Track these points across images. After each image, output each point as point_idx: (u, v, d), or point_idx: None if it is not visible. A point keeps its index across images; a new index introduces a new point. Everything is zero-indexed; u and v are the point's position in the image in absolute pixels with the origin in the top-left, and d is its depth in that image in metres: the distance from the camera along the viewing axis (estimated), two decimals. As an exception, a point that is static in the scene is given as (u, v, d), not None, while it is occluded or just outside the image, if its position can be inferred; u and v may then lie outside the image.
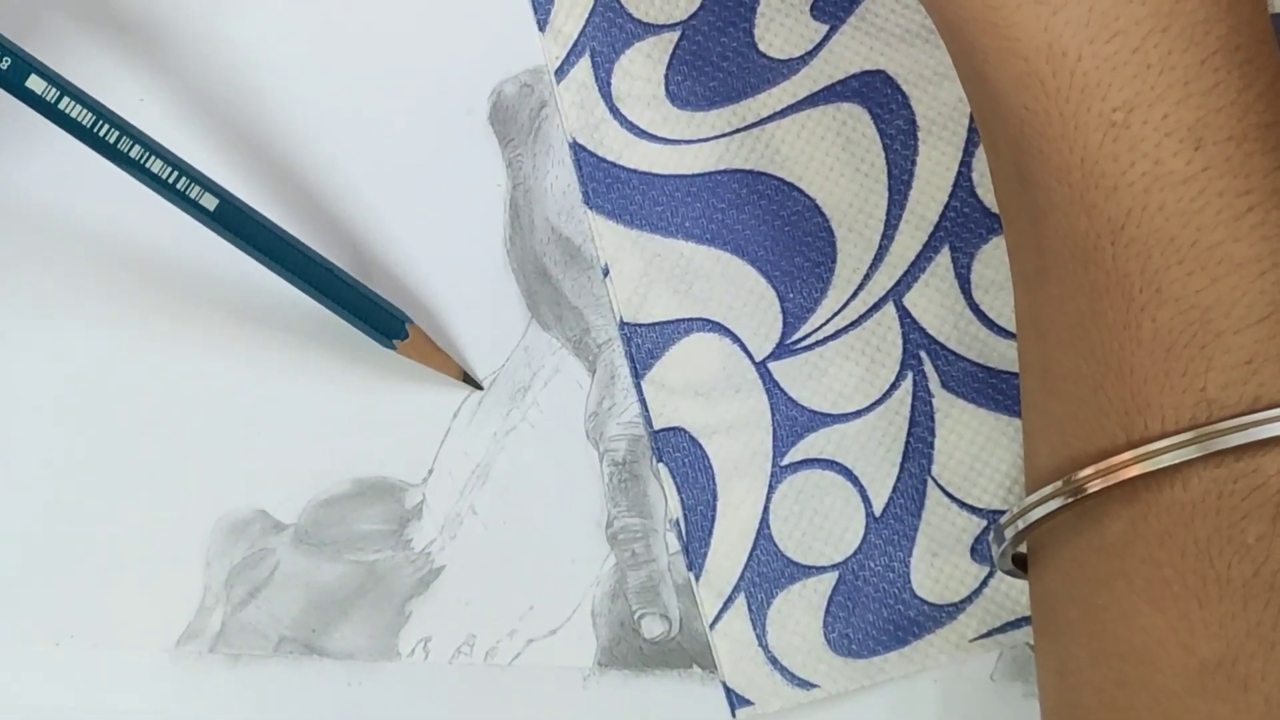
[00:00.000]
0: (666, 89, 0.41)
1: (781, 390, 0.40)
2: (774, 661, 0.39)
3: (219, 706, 0.40)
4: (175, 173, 0.36)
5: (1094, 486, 0.30)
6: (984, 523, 0.40)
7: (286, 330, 0.40)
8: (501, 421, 0.40)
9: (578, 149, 0.41)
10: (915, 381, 0.40)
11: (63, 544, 0.40)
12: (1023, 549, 0.34)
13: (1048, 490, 0.31)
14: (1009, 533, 0.32)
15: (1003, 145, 0.32)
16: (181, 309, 0.40)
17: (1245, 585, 0.29)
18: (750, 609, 0.40)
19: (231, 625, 0.40)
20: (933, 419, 0.40)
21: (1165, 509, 0.29)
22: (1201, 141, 0.29)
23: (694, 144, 0.41)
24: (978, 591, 0.40)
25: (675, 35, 0.41)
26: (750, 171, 0.41)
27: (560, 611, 0.40)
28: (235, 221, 0.37)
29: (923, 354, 0.40)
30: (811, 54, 0.41)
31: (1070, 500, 0.30)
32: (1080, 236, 0.30)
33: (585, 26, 0.41)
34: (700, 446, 0.40)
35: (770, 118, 0.41)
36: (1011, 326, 0.40)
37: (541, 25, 0.41)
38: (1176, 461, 0.29)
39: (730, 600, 0.40)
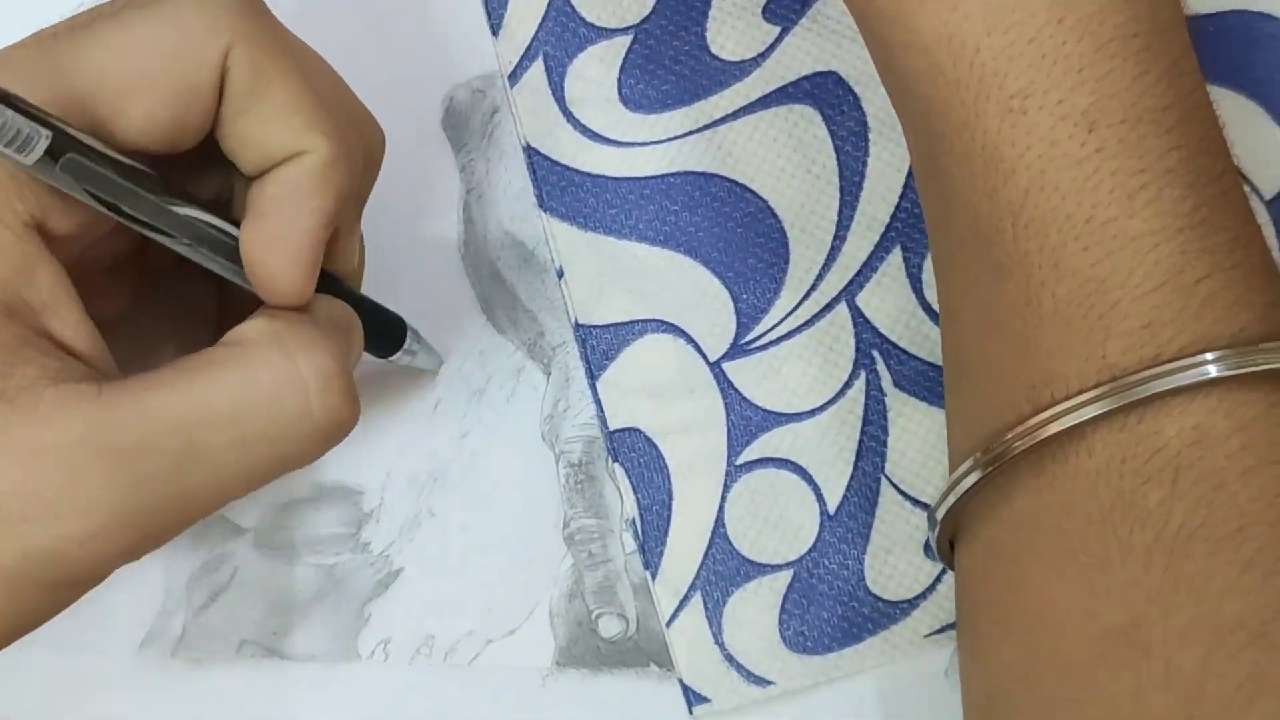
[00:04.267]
0: (619, 92, 0.41)
1: (736, 390, 0.40)
2: (730, 659, 0.40)
3: (182, 710, 0.40)
4: None
5: (1014, 449, 0.30)
6: (936, 519, 0.40)
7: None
8: (458, 424, 0.41)
9: (532, 152, 0.41)
10: (868, 380, 0.40)
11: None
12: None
13: (963, 469, 0.32)
14: (939, 515, 0.33)
15: (912, 136, 0.33)
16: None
17: (1146, 551, 0.29)
18: (706, 607, 0.40)
19: (193, 629, 0.40)
20: (885, 417, 0.40)
21: (1071, 477, 0.30)
22: (1095, 124, 0.30)
23: (647, 146, 0.41)
24: (931, 588, 0.40)
25: (628, 39, 0.41)
26: (703, 173, 0.41)
27: (518, 612, 0.40)
28: None
29: (875, 353, 0.40)
30: (764, 56, 0.41)
31: (982, 475, 0.31)
32: (983, 220, 0.31)
33: (538, 31, 0.41)
34: (655, 447, 0.40)
35: (723, 120, 0.41)
36: (962, 325, 0.40)
37: (495, 29, 0.41)
38: (1081, 420, 0.29)
39: (686, 599, 0.40)
